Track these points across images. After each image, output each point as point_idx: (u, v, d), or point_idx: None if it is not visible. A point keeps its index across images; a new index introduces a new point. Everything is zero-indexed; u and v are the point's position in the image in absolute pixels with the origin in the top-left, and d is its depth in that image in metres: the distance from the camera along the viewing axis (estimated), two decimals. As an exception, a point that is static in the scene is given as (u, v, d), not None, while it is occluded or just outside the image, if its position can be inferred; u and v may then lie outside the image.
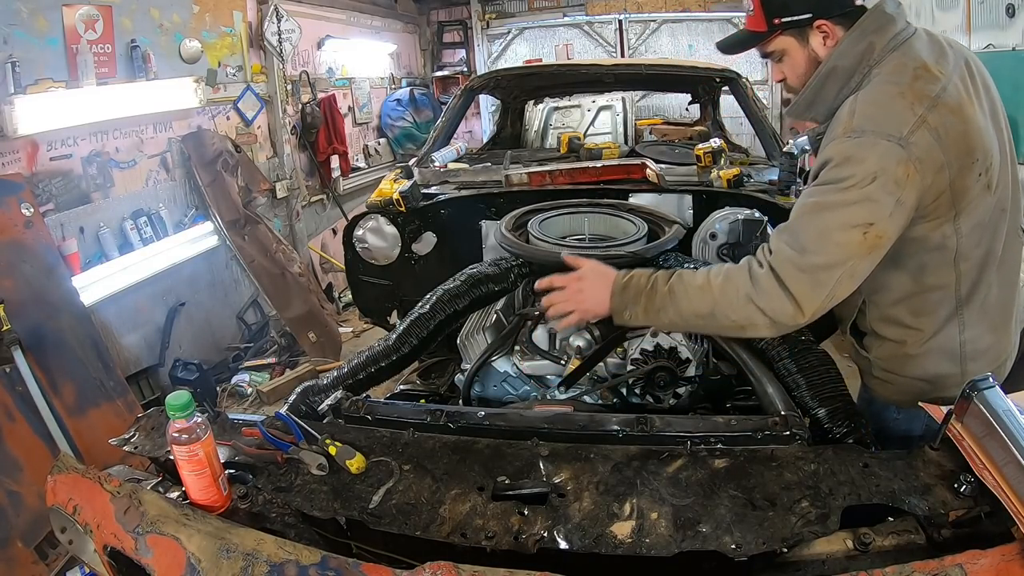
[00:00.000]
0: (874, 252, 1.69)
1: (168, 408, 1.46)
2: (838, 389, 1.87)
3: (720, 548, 1.32)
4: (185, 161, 5.50)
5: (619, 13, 9.56)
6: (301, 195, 7.16)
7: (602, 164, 3.31)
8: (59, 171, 4.38)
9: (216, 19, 5.82)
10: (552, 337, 2.30)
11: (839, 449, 1.57)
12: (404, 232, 3.29)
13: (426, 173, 3.59)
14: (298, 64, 7.18)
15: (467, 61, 10.54)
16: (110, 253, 4.70)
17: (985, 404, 1.36)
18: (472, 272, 2.40)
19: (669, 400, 2.11)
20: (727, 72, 4.17)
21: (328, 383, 2.16)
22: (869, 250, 1.67)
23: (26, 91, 4.00)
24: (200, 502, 1.52)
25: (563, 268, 2.06)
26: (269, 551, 1.31)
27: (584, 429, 1.73)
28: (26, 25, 4.03)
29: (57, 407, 3.66)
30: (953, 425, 1.44)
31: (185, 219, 5.50)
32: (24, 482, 3.37)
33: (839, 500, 1.39)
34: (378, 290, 3.45)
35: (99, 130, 4.67)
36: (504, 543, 1.37)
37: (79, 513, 1.52)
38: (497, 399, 2.33)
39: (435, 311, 2.28)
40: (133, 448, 1.80)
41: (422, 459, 1.64)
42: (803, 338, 2.01)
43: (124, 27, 4.76)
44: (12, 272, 3.68)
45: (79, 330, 4.00)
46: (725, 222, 2.74)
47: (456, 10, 10.49)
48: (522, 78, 4.94)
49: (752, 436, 1.64)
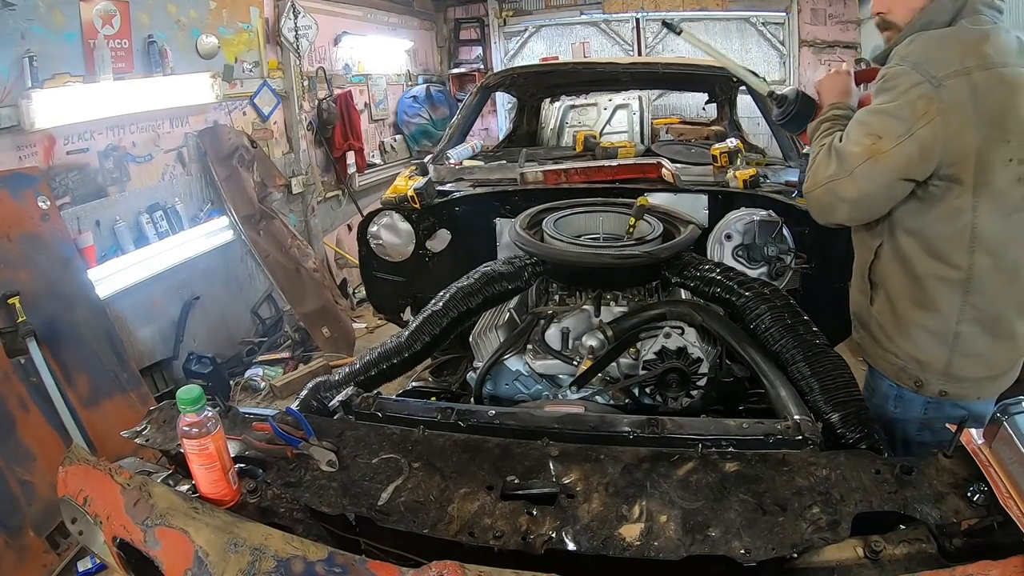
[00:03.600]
0: (876, 164, 1.81)
1: (179, 402, 1.47)
2: (852, 394, 1.85)
3: (729, 553, 1.30)
4: (201, 156, 5.52)
5: (636, 11, 9.50)
6: (316, 191, 7.17)
7: (617, 163, 3.30)
8: (75, 165, 4.40)
9: (233, 15, 5.84)
10: (565, 337, 2.29)
11: (851, 455, 1.55)
12: (418, 229, 3.29)
13: (441, 170, 3.59)
14: (315, 60, 7.19)
15: (484, 58, 10.52)
16: (126, 246, 4.73)
17: (1016, 429, 1.31)
18: (486, 270, 2.40)
19: (681, 402, 2.10)
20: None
21: (340, 379, 2.17)
22: (869, 158, 1.81)
23: (43, 85, 4.02)
24: (209, 496, 1.53)
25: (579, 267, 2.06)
26: (277, 546, 1.31)
27: (595, 430, 1.72)
28: (44, 20, 4.05)
29: (71, 398, 3.69)
30: (981, 450, 1.40)
31: (201, 213, 5.52)
32: (37, 472, 3.40)
33: (850, 507, 1.38)
34: (392, 286, 3.46)
35: (116, 124, 4.69)
36: (512, 543, 1.37)
37: (89, 504, 1.53)
38: (509, 398, 2.32)
39: (448, 308, 2.29)
40: (144, 441, 1.81)
41: (432, 457, 1.64)
42: (817, 341, 1.99)
43: (141, 22, 4.77)
44: (28, 264, 3.71)
45: (94, 323, 4.03)
46: (741, 223, 2.73)
47: (473, 7, 10.47)
48: (538, 76, 4.94)
49: (764, 440, 1.63)
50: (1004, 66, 1.74)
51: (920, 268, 1.93)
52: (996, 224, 1.81)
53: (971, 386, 2.00)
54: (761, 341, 2.06)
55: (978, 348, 1.93)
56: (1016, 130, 1.73)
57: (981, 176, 1.76)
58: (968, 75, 1.71)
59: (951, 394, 2.00)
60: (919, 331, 1.99)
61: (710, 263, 2.37)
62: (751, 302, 2.13)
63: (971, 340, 1.92)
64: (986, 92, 1.71)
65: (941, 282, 1.91)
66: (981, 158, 1.74)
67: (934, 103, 1.72)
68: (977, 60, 1.72)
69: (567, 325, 2.30)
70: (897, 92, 1.79)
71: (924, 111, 1.73)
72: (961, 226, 1.83)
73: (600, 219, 2.76)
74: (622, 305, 2.42)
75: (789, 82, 8.93)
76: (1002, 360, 1.99)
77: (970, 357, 1.95)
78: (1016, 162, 1.75)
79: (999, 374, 2.00)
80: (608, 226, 2.75)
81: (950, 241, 1.86)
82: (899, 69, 1.80)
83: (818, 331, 2.05)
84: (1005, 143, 1.73)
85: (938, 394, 2.01)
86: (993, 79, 1.71)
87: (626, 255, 2.34)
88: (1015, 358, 2.02)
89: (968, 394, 2.01)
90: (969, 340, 1.92)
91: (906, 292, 1.99)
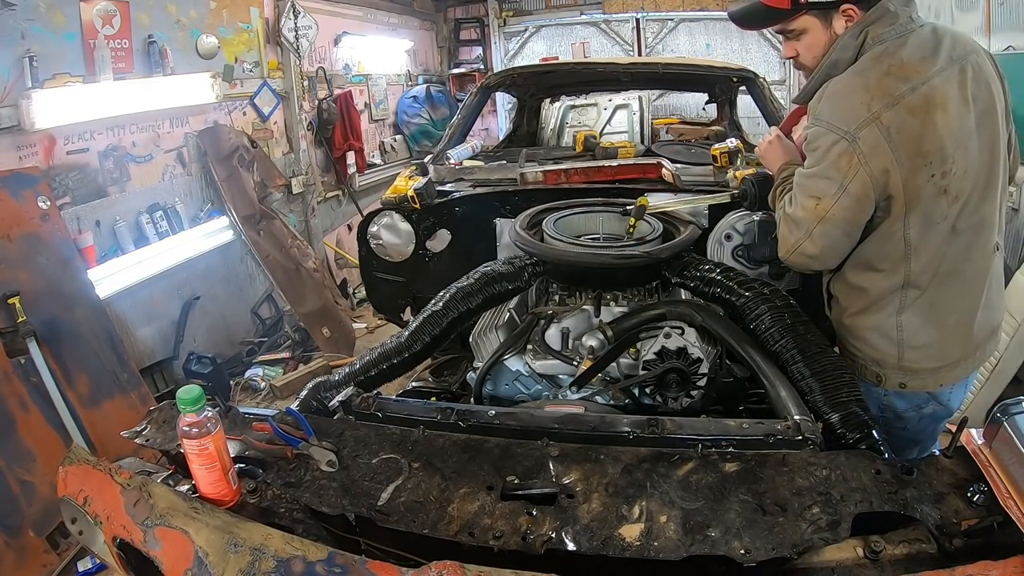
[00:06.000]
0: (825, 224, 1.91)
1: (179, 402, 1.47)
2: (852, 394, 1.85)
3: (729, 553, 1.30)
4: (201, 156, 5.52)
5: (636, 11, 9.49)
6: (317, 191, 7.18)
7: (617, 163, 3.29)
8: (76, 165, 4.41)
9: (233, 15, 5.84)
10: (565, 337, 2.29)
11: (851, 455, 1.55)
12: (418, 229, 3.29)
13: (441, 170, 3.58)
14: (315, 60, 7.20)
15: (484, 58, 10.52)
16: (126, 246, 4.73)
17: (1016, 429, 1.32)
18: (486, 270, 2.39)
19: (681, 402, 2.10)
20: (744, 71, 4.14)
21: (340, 379, 2.17)
22: (818, 219, 1.92)
23: (43, 85, 4.03)
24: (209, 496, 1.53)
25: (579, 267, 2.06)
26: (276, 546, 1.31)
27: (595, 430, 1.72)
28: (44, 20, 4.05)
29: (71, 398, 3.70)
30: (981, 450, 1.41)
31: (201, 213, 5.53)
32: (37, 472, 3.40)
33: (850, 507, 1.38)
34: (392, 287, 3.46)
35: (116, 124, 4.69)
36: (512, 543, 1.37)
37: (89, 504, 1.53)
38: (509, 398, 2.32)
39: (448, 309, 2.29)
40: (144, 441, 1.81)
41: (432, 457, 1.64)
42: (817, 341, 1.99)
43: (141, 22, 4.78)
44: (28, 264, 3.71)
45: (94, 323, 4.03)
46: (741, 223, 2.73)
47: (473, 7, 10.48)
48: (538, 76, 4.93)
49: (764, 440, 1.63)
50: (913, 89, 1.81)
51: (863, 282, 2.06)
52: (926, 232, 1.92)
53: (929, 376, 2.09)
54: (761, 341, 2.06)
55: (923, 339, 2.03)
56: (933, 149, 1.82)
57: (911, 200, 1.88)
58: (878, 120, 1.81)
59: (910, 386, 2.10)
60: (868, 332, 2.10)
61: (710, 263, 2.37)
62: (751, 302, 2.13)
63: (914, 332, 2.02)
64: (899, 129, 1.81)
65: (883, 290, 2.03)
66: (908, 186, 1.85)
67: (855, 156, 1.83)
68: (882, 101, 1.81)
69: (567, 325, 2.30)
70: (820, 154, 1.91)
71: (848, 165, 1.85)
72: (896, 241, 1.95)
73: (600, 219, 2.76)
74: (622, 305, 2.41)
75: (789, 82, 8.94)
76: (954, 349, 2.06)
77: (918, 349, 2.04)
78: (938, 176, 1.84)
79: (953, 362, 2.08)
80: (608, 226, 2.74)
81: (887, 254, 1.99)
82: (816, 131, 1.92)
83: (818, 331, 2.05)
84: (926, 166, 1.83)
85: (898, 386, 2.10)
86: (901, 113, 1.80)
87: (626, 255, 2.34)
88: (969, 346, 2.08)
89: (927, 384, 2.10)
90: (912, 332, 2.02)
91: (854, 303, 2.12)
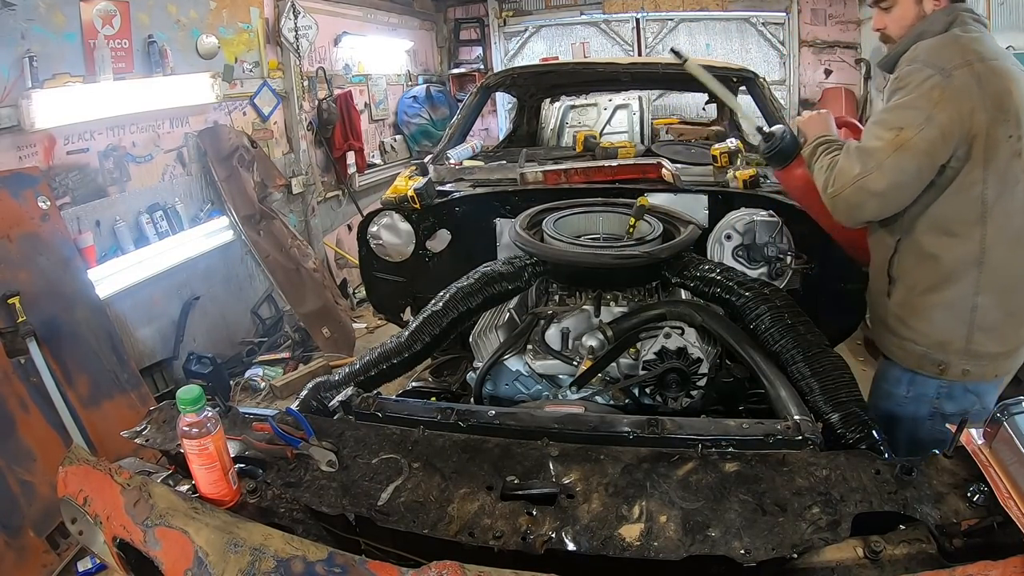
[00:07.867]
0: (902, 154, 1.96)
1: (179, 402, 1.47)
2: (852, 394, 1.86)
3: (729, 553, 1.30)
4: (201, 156, 5.52)
5: (636, 12, 9.47)
6: (317, 191, 7.17)
7: (617, 163, 3.29)
8: (76, 165, 4.40)
9: (233, 15, 5.84)
10: (565, 337, 2.29)
11: (851, 455, 1.55)
12: (418, 229, 3.29)
13: (441, 170, 3.58)
14: (315, 60, 7.19)
15: (484, 58, 10.50)
16: (126, 247, 4.72)
17: (1016, 429, 1.31)
18: (486, 270, 2.39)
19: (681, 402, 2.10)
20: (744, 72, 4.13)
21: (340, 379, 2.17)
22: (896, 147, 1.96)
23: (43, 85, 4.02)
24: (209, 496, 1.53)
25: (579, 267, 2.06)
26: (276, 546, 1.31)
27: (595, 430, 1.72)
28: (44, 20, 4.04)
29: (71, 398, 3.69)
30: (981, 450, 1.41)
31: (201, 214, 5.52)
32: (37, 472, 3.40)
33: (850, 507, 1.38)
34: (392, 287, 3.46)
35: (116, 124, 4.69)
36: (512, 543, 1.37)
37: (89, 504, 1.53)
38: (509, 398, 2.32)
39: (448, 309, 2.29)
40: (144, 441, 1.81)
41: (432, 457, 1.64)
42: (817, 341, 1.99)
43: (141, 22, 4.77)
44: (28, 264, 3.71)
45: (94, 323, 4.03)
46: (741, 223, 2.73)
47: (473, 7, 10.46)
48: (538, 76, 4.93)
49: (764, 440, 1.63)
50: (995, 59, 1.99)
51: (937, 249, 2.08)
52: (1002, 195, 2.00)
53: (989, 363, 2.14)
54: (761, 341, 2.06)
55: (993, 320, 2.08)
56: (1012, 110, 1.96)
57: (989, 152, 1.96)
58: (971, 66, 1.94)
59: (972, 373, 2.13)
60: (938, 312, 2.12)
61: (710, 263, 2.37)
62: (751, 302, 2.14)
63: (987, 312, 2.07)
64: (987, 79, 1.94)
65: (957, 259, 2.06)
66: (989, 135, 1.95)
67: (947, 90, 1.93)
68: (976, 55, 1.96)
69: (567, 325, 2.30)
70: (912, 87, 1.99)
71: (939, 98, 1.93)
72: (973, 198, 2.01)
73: (600, 219, 2.76)
74: (622, 305, 2.41)
75: (789, 82, 8.95)
76: (1012, 336, 2.14)
77: (988, 331, 2.09)
78: (1015, 138, 1.96)
79: (1012, 350, 2.16)
80: (608, 226, 2.74)
81: (963, 216, 2.03)
82: (910, 68, 2.01)
83: (818, 331, 2.05)
84: (1006, 122, 1.95)
85: (961, 374, 2.13)
86: (991, 69, 1.96)
87: (626, 255, 2.34)
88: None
89: (987, 372, 2.15)
90: (985, 312, 2.07)
91: (924, 278, 2.13)
